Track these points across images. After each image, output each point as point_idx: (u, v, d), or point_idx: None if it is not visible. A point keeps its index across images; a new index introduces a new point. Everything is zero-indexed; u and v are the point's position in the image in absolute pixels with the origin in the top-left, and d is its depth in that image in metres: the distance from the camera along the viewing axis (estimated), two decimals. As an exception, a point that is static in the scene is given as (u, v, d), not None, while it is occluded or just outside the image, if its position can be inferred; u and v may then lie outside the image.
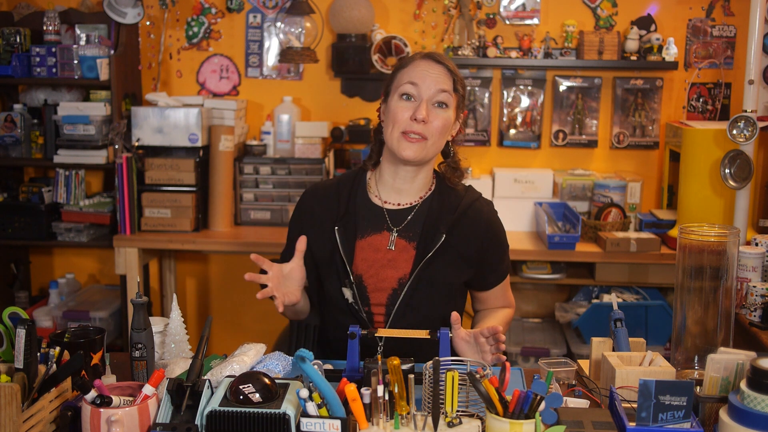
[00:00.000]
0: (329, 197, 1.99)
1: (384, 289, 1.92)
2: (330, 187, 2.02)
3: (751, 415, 1.33)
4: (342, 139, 3.51)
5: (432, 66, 1.89)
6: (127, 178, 3.30)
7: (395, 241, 1.94)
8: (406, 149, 1.86)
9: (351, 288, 1.91)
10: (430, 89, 1.86)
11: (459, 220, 1.95)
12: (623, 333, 1.76)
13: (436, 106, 1.88)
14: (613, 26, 3.54)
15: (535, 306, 3.70)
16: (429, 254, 1.90)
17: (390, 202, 1.98)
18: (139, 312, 1.65)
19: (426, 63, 1.89)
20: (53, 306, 3.60)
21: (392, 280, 1.91)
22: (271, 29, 3.69)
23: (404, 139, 1.86)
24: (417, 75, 1.87)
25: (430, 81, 1.86)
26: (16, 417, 1.33)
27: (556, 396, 1.37)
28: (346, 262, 1.91)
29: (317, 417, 1.36)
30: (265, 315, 3.83)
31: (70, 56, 3.32)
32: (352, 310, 1.92)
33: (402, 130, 1.86)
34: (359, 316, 1.91)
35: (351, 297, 1.91)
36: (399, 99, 1.88)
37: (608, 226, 3.29)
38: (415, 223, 1.95)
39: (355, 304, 1.91)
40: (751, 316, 2.45)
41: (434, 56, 1.91)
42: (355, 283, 1.91)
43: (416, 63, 1.90)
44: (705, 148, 3.09)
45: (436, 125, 1.87)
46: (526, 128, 3.63)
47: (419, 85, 1.86)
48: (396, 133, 1.87)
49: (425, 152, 1.88)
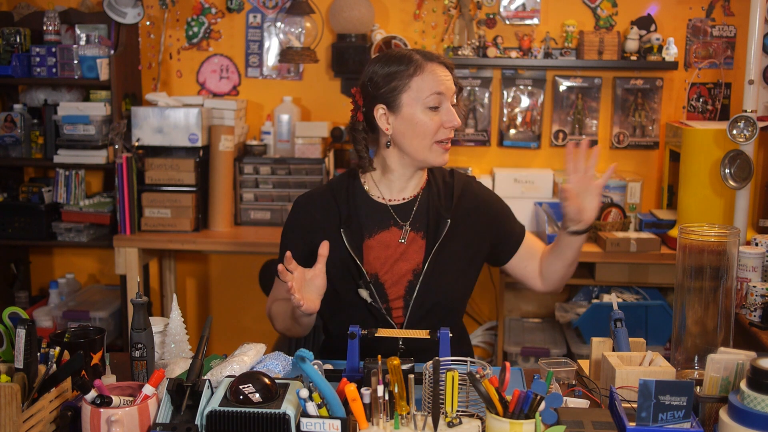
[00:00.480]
0: (326, 202, 1.99)
1: (400, 282, 1.94)
2: (324, 193, 2.01)
3: (751, 415, 1.33)
4: (342, 139, 3.51)
5: (442, 69, 1.90)
6: (127, 178, 3.30)
7: (408, 234, 1.97)
8: (441, 155, 1.90)
9: (368, 287, 1.91)
10: (450, 94, 1.90)
11: (459, 202, 2.00)
12: (623, 333, 1.76)
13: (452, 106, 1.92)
14: (613, 26, 3.54)
15: (535, 306, 3.70)
16: (439, 239, 1.94)
17: (393, 199, 1.99)
18: (139, 312, 1.65)
19: (438, 67, 1.89)
20: (53, 306, 3.61)
21: (407, 272, 1.94)
22: (271, 29, 3.69)
23: (440, 147, 1.90)
24: (440, 84, 1.87)
25: (448, 86, 1.89)
26: (16, 417, 1.33)
27: (556, 396, 1.37)
28: (359, 262, 1.92)
29: (317, 417, 1.36)
30: (265, 315, 3.81)
31: (70, 56, 3.32)
32: (371, 309, 1.93)
33: (438, 139, 1.88)
34: (379, 314, 1.92)
35: (368, 297, 1.92)
36: (427, 110, 1.86)
37: (608, 226, 3.29)
38: (420, 214, 1.98)
39: (374, 303, 1.91)
40: (751, 316, 2.45)
41: (438, 58, 1.91)
42: (372, 282, 1.92)
43: (430, 69, 1.87)
44: (705, 148, 3.09)
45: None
46: (526, 128, 3.63)
47: (444, 94, 1.87)
48: (428, 142, 1.88)
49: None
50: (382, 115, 1.91)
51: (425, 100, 1.85)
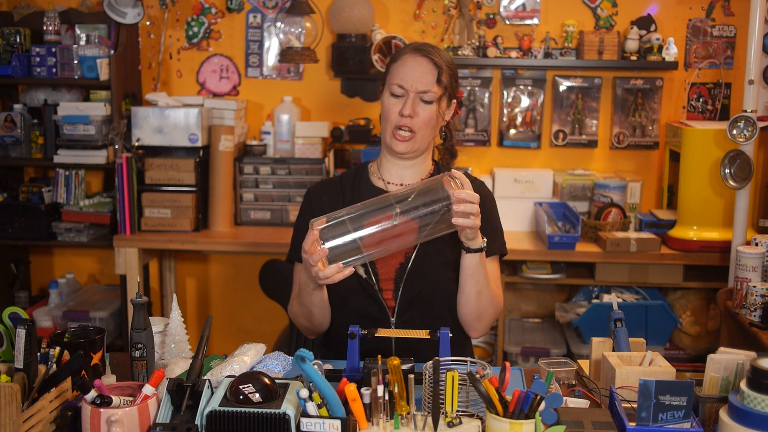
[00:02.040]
0: (334, 190, 2.09)
1: (391, 264, 1.99)
2: (333, 181, 2.13)
3: (751, 415, 1.33)
4: (342, 139, 3.51)
5: (419, 61, 1.95)
6: (127, 178, 3.30)
7: (399, 217, 1.96)
8: (397, 145, 1.97)
9: (363, 265, 1.97)
10: (415, 87, 1.94)
11: None
12: (623, 333, 1.76)
13: (421, 101, 1.96)
14: (613, 26, 3.54)
15: (535, 306, 3.70)
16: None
17: (393, 183, 2.05)
18: (139, 312, 1.65)
19: (413, 58, 1.96)
20: (53, 306, 3.60)
21: (399, 254, 1.98)
22: (271, 29, 3.69)
23: (395, 137, 1.97)
24: (404, 74, 1.95)
25: (415, 79, 1.94)
26: (16, 417, 1.33)
27: (556, 396, 1.37)
28: None
29: (317, 417, 1.36)
30: (265, 315, 3.83)
31: (70, 56, 3.32)
32: (365, 285, 1.98)
33: (393, 125, 1.97)
34: (372, 291, 1.97)
35: (364, 273, 1.98)
36: (389, 96, 1.98)
37: (608, 226, 3.29)
38: None
39: (369, 279, 1.97)
40: (751, 316, 2.45)
41: (422, 49, 1.97)
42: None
43: (404, 59, 1.97)
44: (705, 148, 3.09)
45: (423, 119, 1.96)
46: (526, 128, 3.63)
47: (404, 86, 1.95)
48: (389, 128, 1.98)
49: (416, 145, 1.99)
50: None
51: (390, 86, 1.97)
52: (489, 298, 1.96)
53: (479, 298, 1.94)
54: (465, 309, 1.98)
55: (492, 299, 1.97)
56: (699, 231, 3.15)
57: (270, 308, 3.71)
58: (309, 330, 2.05)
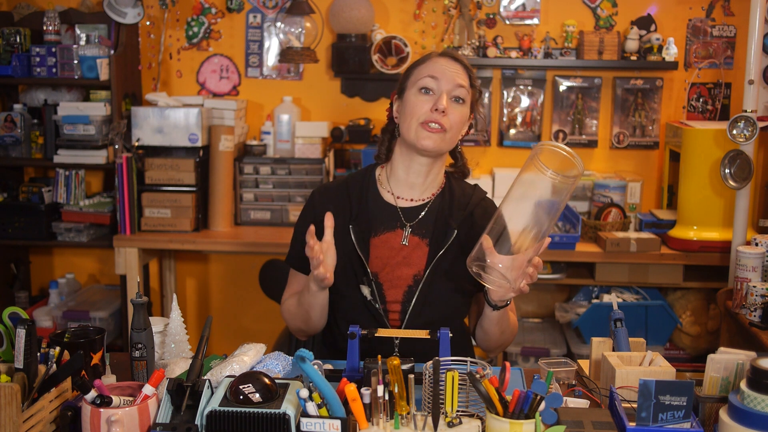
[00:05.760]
0: (340, 197, 2.00)
1: (399, 286, 1.93)
2: (339, 186, 2.03)
3: (751, 415, 1.33)
4: (342, 139, 3.51)
5: (450, 62, 1.93)
6: (127, 178, 3.30)
7: (409, 237, 1.96)
8: (425, 138, 1.88)
9: (369, 285, 1.92)
10: (450, 83, 1.90)
11: (470, 216, 1.98)
12: (623, 333, 1.76)
13: (453, 100, 1.91)
14: (613, 26, 3.54)
15: (535, 306, 3.70)
16: (442, 249, 1.92)
17: (403, 197, 1.99)
18: (139, 312, 1.65)
19: (444, 60, 1.94)
20: (53, 306, 3.60)
21: (407, 277, 1.93)
22: (271, 29, 3.69)
23: (424, 129, 1.88)
24: (436, 70, 1.91)
25: (449, 75, 1.91)
26: (16, 417, 1.33)
27: (556, 396, 1.37)
28: (363, 259, 1.92)
29: (317, 417, 1.36)
30: (264, 315, 3.83)
31: (70, 56, 3.32)
32: (369, 307, 1.92)
33: (422, 120, 1.89)
34: (376, 313, 1.91)
35: (369, 294, 1.92)
36: (418, 93, 1.91)
37: (608, 226, 3.29)
38: (428, 220, 1.97)
39: (373, 302, 1.91)
40: (751, 316, 2.45)
41: (451, 53, 1.97)
42: (372, 281, 1.92)
43: (434, 60, 1.94)
44: (705, 148, 3.09)
45: (455, 118, 1.90)
46: (526, 128, 3.63)
47: (439, 79, 1.90)
48: (415, 123, 1.89)
49: (443, 143, 1.91)
50: (395, 105, 2.00)
51: (419, 82, 1.91)
52: (510, 330, 1.97)
53: (503, 335, 1.95)
54: (487, 345, 1.99)
55: (513, 328, 1.98)
56: (699, 231, 3.15)
57: (270, 308, 3.71)
58: (302, 332, 2.01)
